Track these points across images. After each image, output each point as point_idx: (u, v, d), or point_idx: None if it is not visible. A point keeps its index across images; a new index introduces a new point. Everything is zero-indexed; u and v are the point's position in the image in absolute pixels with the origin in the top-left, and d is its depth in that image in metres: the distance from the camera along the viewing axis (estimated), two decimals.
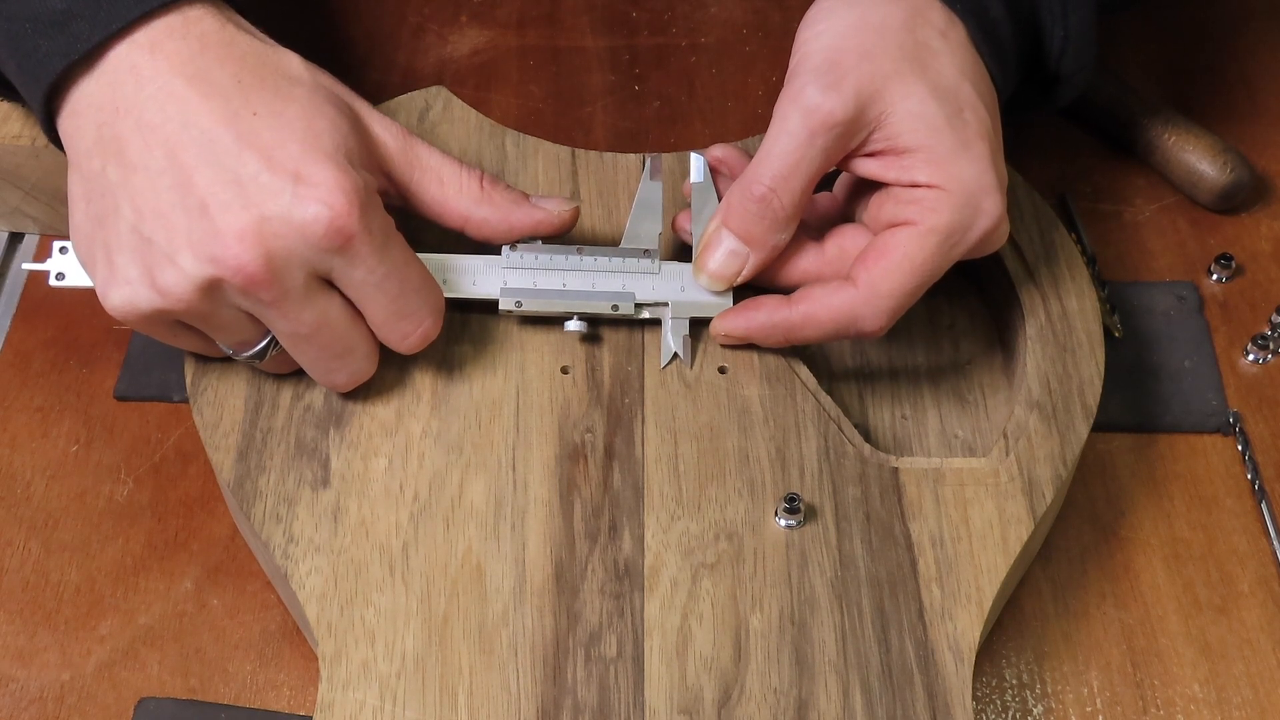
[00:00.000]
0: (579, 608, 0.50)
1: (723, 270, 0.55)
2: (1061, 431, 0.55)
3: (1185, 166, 0.69)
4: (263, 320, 0.51)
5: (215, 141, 0.49)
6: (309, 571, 0.51)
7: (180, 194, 0.49)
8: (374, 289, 0.51)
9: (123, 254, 0.50)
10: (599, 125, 0.73)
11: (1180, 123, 0.70)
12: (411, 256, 0.52)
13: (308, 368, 0.53)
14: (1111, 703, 0.54)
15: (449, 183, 0.54)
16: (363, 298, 0.51)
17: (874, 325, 0.53)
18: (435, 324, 0.53)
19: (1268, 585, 0.57)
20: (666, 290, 0.56)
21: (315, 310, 0.50)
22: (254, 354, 0.53)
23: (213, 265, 0.48)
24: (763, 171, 0.53)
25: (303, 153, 0.49)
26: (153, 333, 0.52)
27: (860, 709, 0.48)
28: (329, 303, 0.51)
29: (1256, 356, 0.64)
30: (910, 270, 0.52)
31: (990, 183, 0.53)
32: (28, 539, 0.58)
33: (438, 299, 0.53)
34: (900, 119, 0.52)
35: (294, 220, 0.48)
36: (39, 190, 0.66)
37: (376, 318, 0.52)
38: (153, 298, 0.49)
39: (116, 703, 0.54)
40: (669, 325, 0.56)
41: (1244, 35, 0.78)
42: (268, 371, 0.55)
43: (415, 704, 0.48)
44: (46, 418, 0.61)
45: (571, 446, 0.54)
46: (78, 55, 0.50)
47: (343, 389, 0.54)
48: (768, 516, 0.52)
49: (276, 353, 0.53)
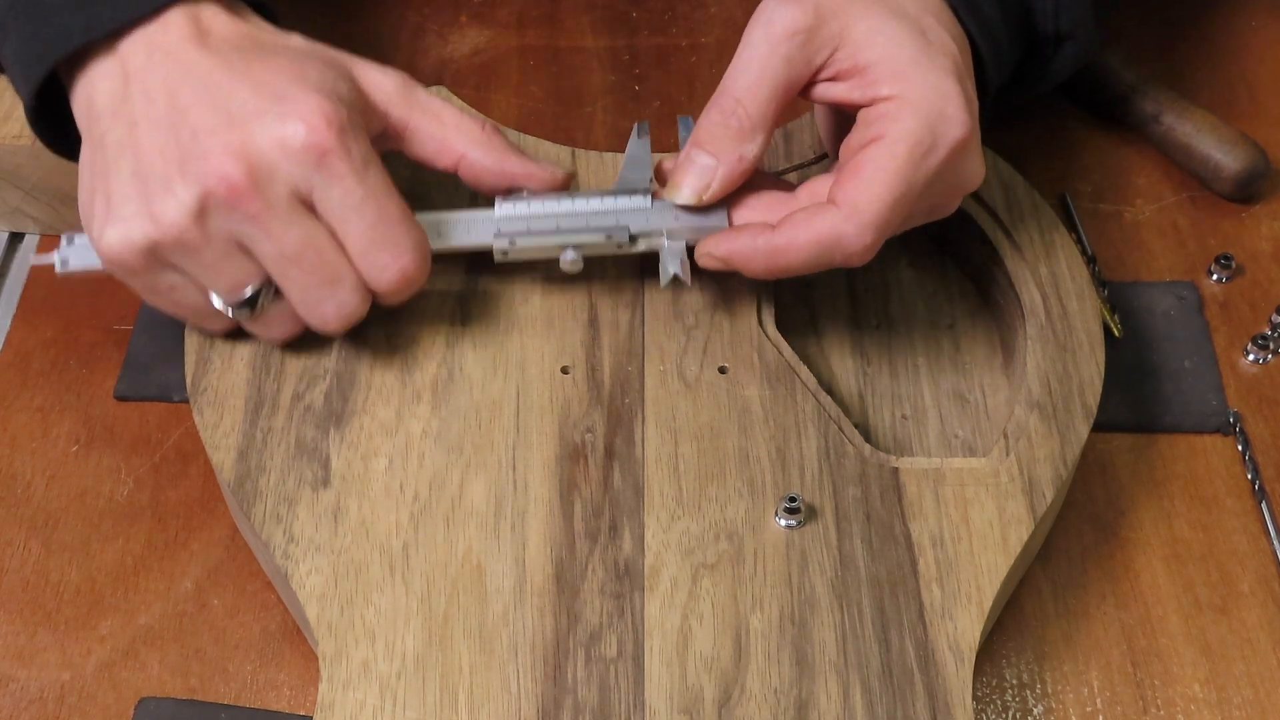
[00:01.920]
0: (579, 608, 0.50)
1: (693, 184, 0.55)
2: (1061, 431, 0.55)
3: (1203, 154, 0.69)
4: (250, 246, 0.52)
5: (212, 83, 0.52)
6: (309, 571, 0.51)
7: (175, 130, 0.51)
8: (352, 212, 0.52)
9: (121, 196, 0.52)
10: (599, 125, 0.73)
11: (1197, 111, 0.70)
12: (393, 190, 0.53)
13: (298, 303, 0.53)
14: (1111, 703, 0.54)
15: (449, 122, 0.56)
16: (341, 222, 0.52)
17: (858, 244, 0.53)
18: (415, 262, 0.53)
19: (1268, 585, 0.57)
20: (660, 220, 0.56)
21: (299, 229, 0.51)
22: (246, 302, 0.53)
23: (200, 183, 0.50)
24: (728, 85, 0.54)
25: (289, 83, 0.52)
26: (149, 286, 0.54)
27: (860, 709, 0.48)
28: (314, 226, 0.52)
29: (1256, 356, 0.64)
30: (885, 183, 0.52)
31: (953, 90, 0.53)
32: (28, 539, 0.58)
33: (420, 237, 0.54)
34: (860, 35, 0.53)
35: (274, 134, 0.50)
36: (39, 190, 0.66)
37: (356, 245, 0.52)
38: (147, 229, 0.51)
39: (116, 703, 0.54)
40: (666, 248, 0.56)
41: (1244, 35, 0.79)
42: (264, 338, 0.56)
43: (415, 704, 0.48)
44: (46, 418, 0.61)
45: (572, 446, 0.54)
46: (99, 34, 0.53)
47: (334, 327, 0.54)
48: (768, 516, 0.52)
49: (270, 305, 0.54)
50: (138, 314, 0.64)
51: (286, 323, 0.55)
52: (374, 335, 0.57)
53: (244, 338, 0.57)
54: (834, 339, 0.62)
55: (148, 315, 0.64)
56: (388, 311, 0.58)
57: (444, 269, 0.59)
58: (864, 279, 0.64)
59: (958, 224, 0.63)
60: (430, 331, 0.57)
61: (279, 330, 0.55)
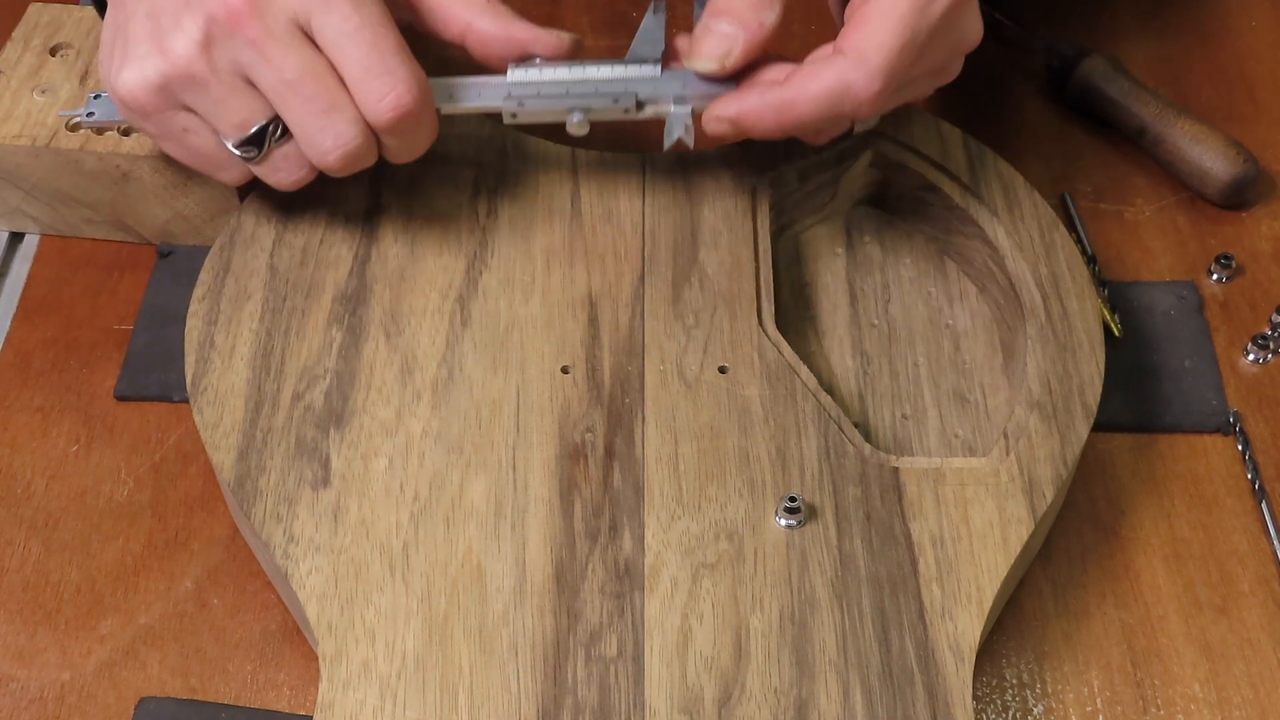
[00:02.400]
0: (579, 607, 0.50)
1: (714, 51, 0.56)
2: (1062, 431, 0.55)
3: (1193, 161, 0.69)
4: (253, 77, 0.54)
5: None
6: (309, 571, 0.51)
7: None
8: (347, 40, 0.54)
9: (135, 39, 0.55)
10: (599, 125, 0.73)
11: (1188, 118, 0.70)
12: (390, 24, 0.55)
13: (299, 135, 0.55)
14: (1111, 703, 0.54)
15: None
16: (337, 50, 0.54)
17: (866, 91, 0.53)
18: (412, 93, 0.55)
19: (1268, 585, 0.57)
20: (668, 88, 0.58)
21: (297, 55, 0.54)
22: (252, 139, 0.55)
23: (204, 11, 0.53)
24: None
25: None
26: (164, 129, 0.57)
27: (860, 709, 0.48)
28: (313, 54, 0.54)
29: (1256, 356, 0.64)
30: (890, 29, 0.53)
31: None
32: (28, 539, 0.58)
33: (418, 73, 0.55)
34: None
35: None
36: (39, 190, 0.66)
37: (352, 73, 0.54)
38: (159, 64, 0.54)
39: (116, 703, 0.54)
40: (672, 112, 0.57)
41: (1244, 35, 0.78)
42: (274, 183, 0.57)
43: (415, 703, 0.48)
44: (46, 418, 0.61)
45: (572, 446, 0.54)
46: None
47: (334, 161, 0.55)
48: (768, 516, 0.52)
49: (275, 146, 0.56)
50: (138, 314, 0.64)
51: (293, 165, 0.57)
52: (374, 334, 0.57)
53: (242, 335, 0.57)
54: (834, 339, 0.62)
55: (148, 315, 0.64)
56: (388, 310, 0.58)
57: (444, 267, 0.59)
58: (864, 279, 0.64)
59: (958, 224, 0.63)
60: (430, 331, 0.57)
61: (286, 174, 0.57)
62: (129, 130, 0.63)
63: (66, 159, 0.63)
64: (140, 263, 0.67)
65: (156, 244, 0.67)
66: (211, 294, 0.59)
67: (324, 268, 0.60)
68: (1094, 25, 0.78)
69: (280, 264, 0.60)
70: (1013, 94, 0.75)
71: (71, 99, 0.65)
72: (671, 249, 0.60)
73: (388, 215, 0.61)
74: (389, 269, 0.60)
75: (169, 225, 0.66)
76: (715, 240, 0.61)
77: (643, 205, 0.62)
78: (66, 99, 0.65)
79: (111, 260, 0.67)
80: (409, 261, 0.60)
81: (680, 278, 0.60)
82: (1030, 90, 0.75)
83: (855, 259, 0.65)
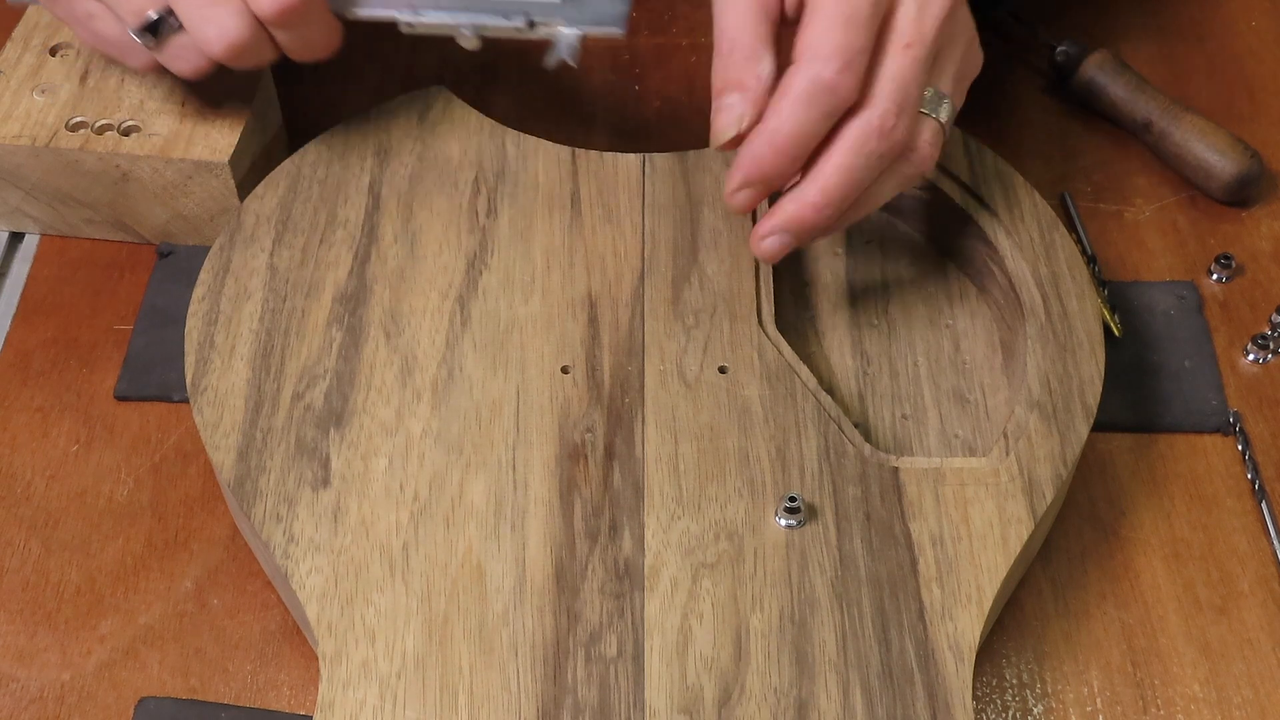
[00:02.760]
0: (579, 607, 0.50)
1: (726, 124, 0.56)
2: (1061, 431, 0.55)
3: (1198, 156, 0.69)
4: None
5: None
6: (309, 571, 0.51)
7: None
8: None
9: None
10: (599, 125, 0.73)
11: (1194, 113, 0.70)
12: None
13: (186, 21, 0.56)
14: (1111, 703, 0.54)
15: None
16: None
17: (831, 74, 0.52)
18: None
19: (1268, 585, 0.57)
20: (559, 11, 0.59)
21: None
22: (150, 27, 0.57)
23: None
24: (719, 27, 0.56)
25: None
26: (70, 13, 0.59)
27: (860, 709, 0.48)
28: None
29: (1256, 356, 0.64)
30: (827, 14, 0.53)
31: None
32: (28, 539, 0.58)
33: None
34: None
35: None
36: (39, 190, 0.66)
37: None
38: None
39: (116, 703, 0.54)
40: (561, 36, 0.59)
41: (1244, 35, 0.78)
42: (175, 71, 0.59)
43: (415, 704, 0.48)
44: (46, 418, 0.61)
45: (571, 446, 0.54)
46: None
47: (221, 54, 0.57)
48: (768, 516, 0.52)
49: (172, 36, 0.57)
50: (138, 314, 0.64)
51: (190, 55, 0.58)
52: (374, 335, 0.57)
53: (242, 335, 0.57)
54: (834, 339, 0.62)
55: (148, 315, 0.64)
56: (388, 310, 0.58)
57: (444, 267, 0.59)
58: (864, 279, 0.64)
59: (958, 224, 0.63)
60: (430, 331, 0.57)
61: (185, 63, 0.59)
62: (129, 130, 0.63)
63: (66, 159, 0.63)
64: (140, 263, 0.67)
65: (156, 244, 0.67)
66: (211, 294, 0.59)
67: (324, 268, 0.60)
68: (1093, 25, 0.78)
69: (280, 264, 0.60)
70: (1012, 93, 0.75)
71: (72, 99, 0.65)
72: (671, 249, 0.60)
73: (388, 215, 0.61)
74: (389, 269, 0.60)
75: (169, 225, 0.66)
76: (715, 240, 0.61)
77: (643, 205, 0.62)
78: (66, 99, 0.65)
79: (111, 260, 0.67)
80: (409, 261, 0.60)
81: (680, 278, 0.60)
82: (1030, 90, 0.75)
83: (855, 259, 0.65)
